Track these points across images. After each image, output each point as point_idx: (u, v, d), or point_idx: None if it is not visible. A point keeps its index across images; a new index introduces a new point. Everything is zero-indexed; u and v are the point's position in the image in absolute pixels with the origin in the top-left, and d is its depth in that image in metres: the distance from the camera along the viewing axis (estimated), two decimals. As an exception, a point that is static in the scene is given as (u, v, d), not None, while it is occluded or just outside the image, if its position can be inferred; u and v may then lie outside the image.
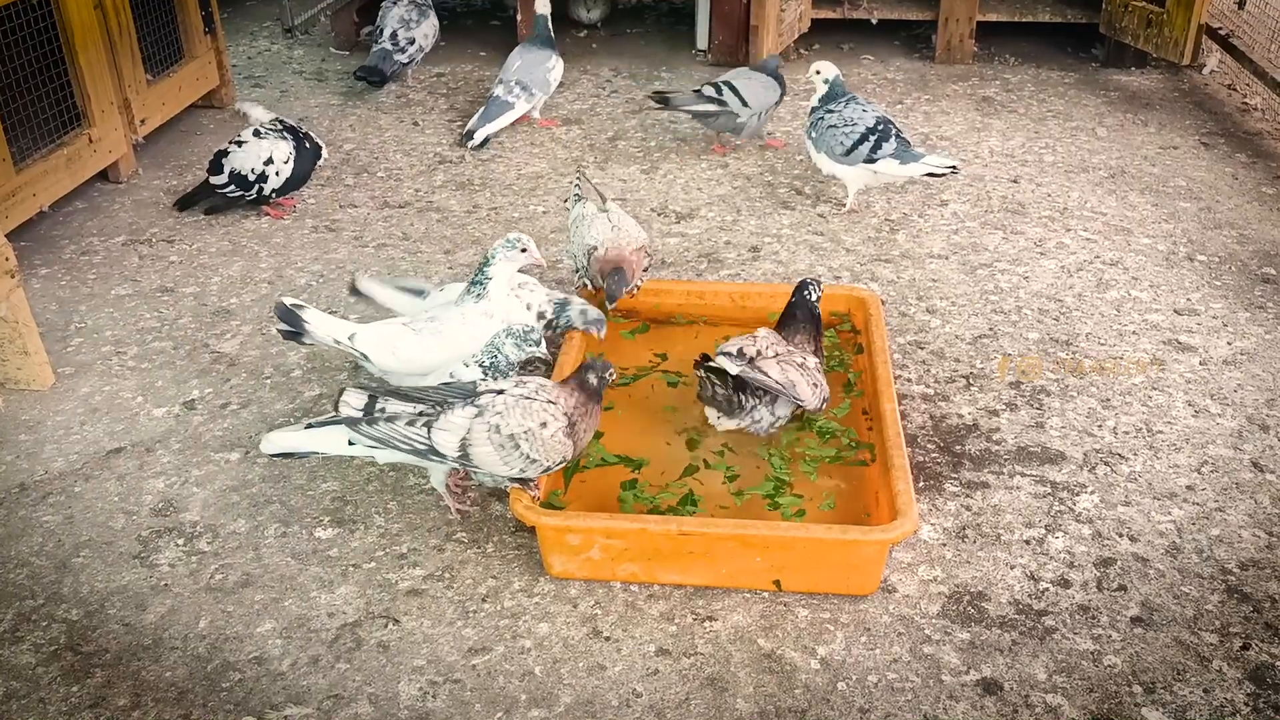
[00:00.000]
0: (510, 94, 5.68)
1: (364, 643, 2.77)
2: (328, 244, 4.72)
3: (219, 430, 3.55)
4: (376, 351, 3.30)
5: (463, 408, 2.87)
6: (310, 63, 6.94)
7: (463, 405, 2.87)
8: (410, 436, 2.85)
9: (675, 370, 3.68)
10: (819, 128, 4.82)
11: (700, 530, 2.81)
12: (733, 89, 5.34)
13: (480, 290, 3.38)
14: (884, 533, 2.77)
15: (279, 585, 2.95)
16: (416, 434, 2.85)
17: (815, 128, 4.85)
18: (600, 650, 2.74)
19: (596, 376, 2.97)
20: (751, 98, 5.36)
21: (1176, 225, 4.87)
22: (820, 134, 4.81)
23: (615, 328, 3.85)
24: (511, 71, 5.74)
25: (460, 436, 2.84)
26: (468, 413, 2.86)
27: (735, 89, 5.34)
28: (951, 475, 3.35)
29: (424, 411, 2.87)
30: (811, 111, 4.94)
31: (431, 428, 2.85)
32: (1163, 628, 2.82)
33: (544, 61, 5.78)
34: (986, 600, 2.90)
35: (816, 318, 3.43)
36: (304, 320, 3.29)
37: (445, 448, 2.85)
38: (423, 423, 2.86)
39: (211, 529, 3.14)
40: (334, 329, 3.31)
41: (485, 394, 2.89)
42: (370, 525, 3.15)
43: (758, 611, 2.86)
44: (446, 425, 2.85)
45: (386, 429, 2.85)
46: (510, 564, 3.00)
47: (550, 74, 5.80)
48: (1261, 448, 3.47)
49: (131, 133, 5.28)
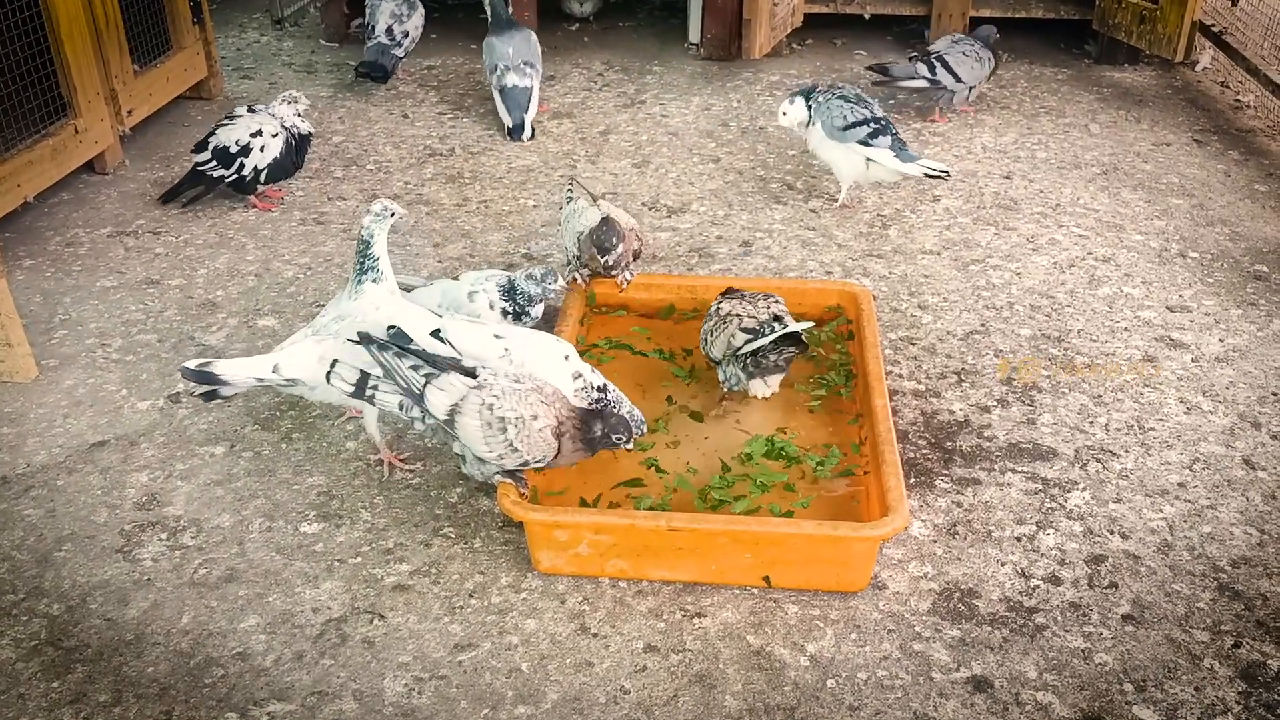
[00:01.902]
0: (525, 77, 5.70)
1: (349, 638, 2.74)
2: (315, 236, 4.68)
3: (203, 424, 3.51)
4: (310, 372, 3.07)
5: (465, 376, 2.86)
6: (300, 55, 6.89)
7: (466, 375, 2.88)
8: (409, 378, 2.86)
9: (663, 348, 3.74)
10: (826, 95, 4.74)
11: (690, 526, 2.78)
12: (945, 65, 5.59)
13: (375, 274, 3.27)
14: (874, 529, 2.74)
15: (263, 580, 2.91)
16: (415, 379, 2.86)
17: (821, 94, 4.76)
18: (588, 647, 2.72)
19: (602, 430, 2.90)
20: (965, 72, 5.62)
21: (1169, 222, 4.86)
22: (825, 102, 4.73)
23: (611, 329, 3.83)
24: (513, 55, 5.73)
25: (454, 401, 2.83)
26: (468, 382, 2.85)
27: (948, 65, 5.59)
28: (943, 471, 3.33)
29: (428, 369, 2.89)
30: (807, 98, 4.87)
31: (429, 383, 2.85)
32: (1154, 625, 2.80)
33: (529, 38, 5.84)
34: (977, 597, 2.88)
35: None
36: (217, 374, 3.04)
37: (435, 407, 2.84)
38: (424, 373, 2.86)
39: (195, 523, 3.11)
40: (253, 369, 3.07)
41: (486, 376, 2.87)
42: (357, 520, 3.11)
43: (747, 608, 2.83)
44: (445, 385, 2.85)
45: (392, 360, 2.87)
46: (498, 559, 2.98)
47: (539, 47, 5.86)
48: (1253, 445, 3.46)
49: (118, 124, 5.23)
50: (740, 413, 3.46)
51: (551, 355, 3.12)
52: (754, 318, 3.34)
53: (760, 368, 3.33)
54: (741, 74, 6.53)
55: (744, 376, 3.37)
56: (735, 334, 3.32)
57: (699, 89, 6.32)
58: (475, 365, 2.93)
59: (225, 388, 3.11)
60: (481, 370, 2.90)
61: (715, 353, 3.42)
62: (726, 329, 3.35)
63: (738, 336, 3.31)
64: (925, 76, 5.64)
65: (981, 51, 5.69)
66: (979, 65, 5.68)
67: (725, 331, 3.35)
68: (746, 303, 3.42)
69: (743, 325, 3.32)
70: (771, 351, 3.30)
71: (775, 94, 6.23)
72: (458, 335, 3.13)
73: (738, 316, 3.35)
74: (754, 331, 3.29)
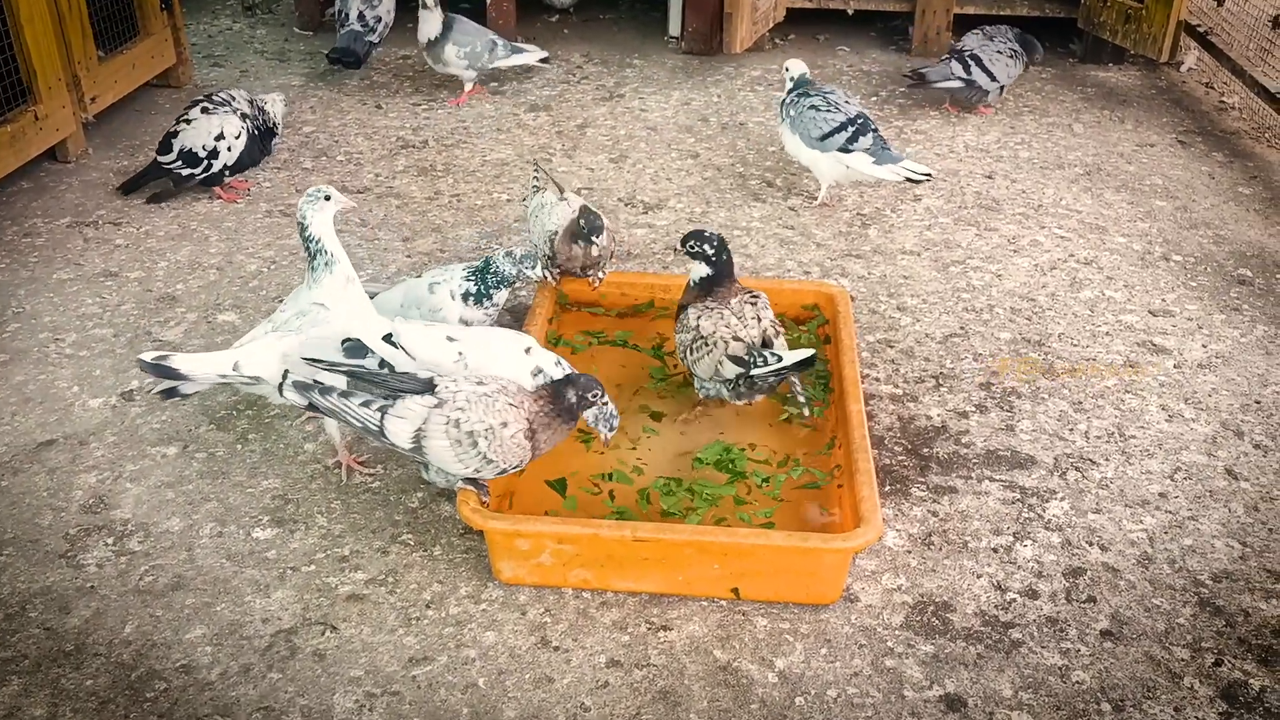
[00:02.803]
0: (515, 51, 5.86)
1: (299, 651, 2.62)
2: (281, 229, 4.55)
3: (157, 423, 3.39)
4: (271, 370, 2.91)
5: (422, 396, 2.73)
6: (272, 42, 6.75)
7: (422, 394, 2.74)
8: (363, 417, 2.71)
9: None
10: (798, 107, 4.67)
11: (656, 536, 2.68)
12: (980, 64, 5.61)
13: (327, 259, 3.09)
14: (846, 541, 2.65)
15: (212, 588, 2.80)
16: (369, 416, 2.71)
17: (794, 106, 4.69)
18: (548, 661, 2.61)
19: (577, 394, 2.81)
20: (999, 71, 5.63)
21: (1152, 224, 4.78)
22: (799, 113, 4.66)
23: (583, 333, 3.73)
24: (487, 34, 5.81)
25: (416, 426, 2.70)
26: (426, 402, 2.72)
27: (983, 64, 5.61)
28: (918, 479, 3.24)
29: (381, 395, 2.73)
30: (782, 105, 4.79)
31: (386, 413, 2.71)
32: (1133, 642, 2.72)
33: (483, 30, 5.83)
34: (951, 611, 2.79)
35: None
36: (175, 369, 2.85)
37: (398, 437, 2.71)
38: (377, 406, 2.72)
39: (144, 527, 2.99)
40: (213, 365, 2.91)
41: (445, 386, 2.75)
42: (312, 525, 3.00)
43: (714, 621, 2.74)
44: (403, 412, 2.71)
45: (340, 403, 2.71)
46: (458, 568, 2.87)
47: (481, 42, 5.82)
48: (1236, 454, 3.38)
49: (81, 111, 5.09)
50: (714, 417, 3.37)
51: (509, 352, 3.01)
52: (741, 340, 3.13)
53: (753, 389, 3.19)
54: (722, 68, 6.43)
55: (732, 398, 3.24)
56: (723, 362, 3.12)
57: (679, 83, 6.22)
58: (431, 375, 2.81)
59: (184, 384, 2.97)
60: (439, 380, 2.78)
61: (700, 371, 3.22)
62: (711, 353, 3.15)
63: (727, 367, 3.12)
64: (960, 77, 5.64)
65: (1015, 46, 5.71)
66: (1012, 62, 5.69)
67: (710, 356, 3.15)
68: (730, 314, 3.18)
69: (730, 353, 3.11)
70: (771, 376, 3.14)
71: (756, 89, 6.13)
72: (410, 340, 3.02)
73: (724, 341, 3.13)
74: (745, 363, 3.09)
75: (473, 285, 3.37)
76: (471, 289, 3.36)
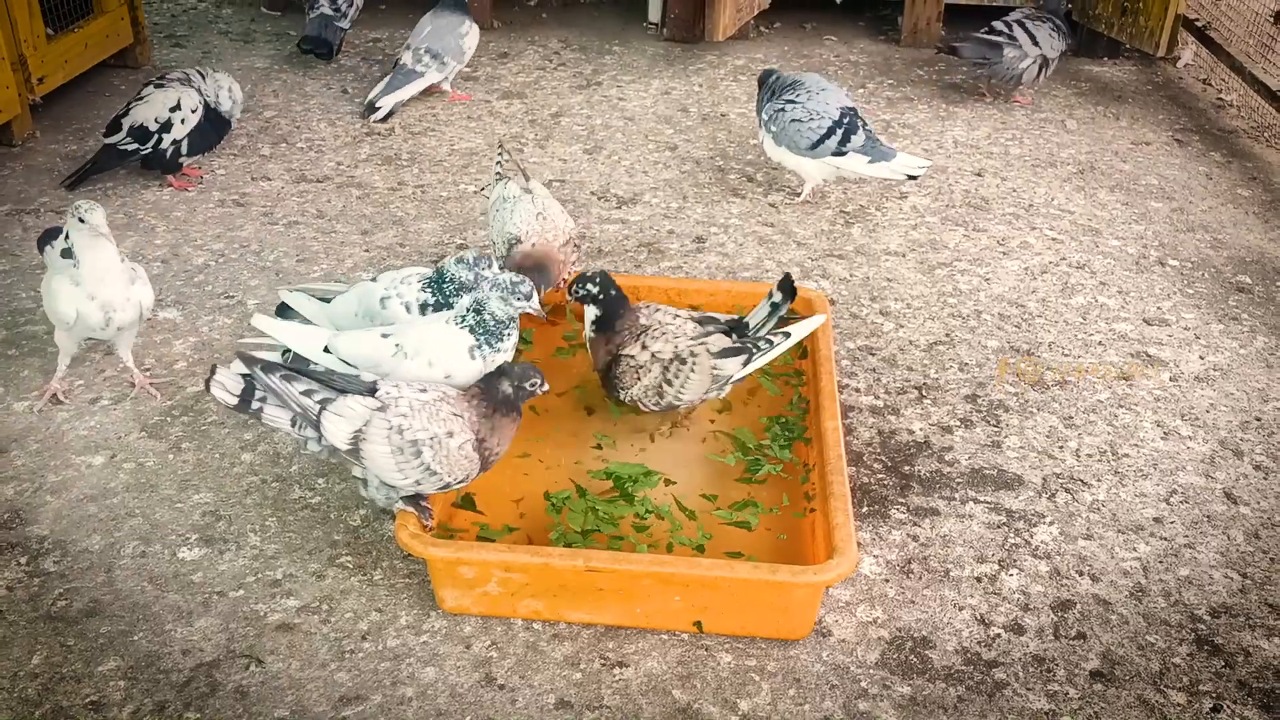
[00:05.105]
0: (419, 63, 5.28)
1: (220, 687, 2.40)
2: (233, 220, 4.31)
3: (84, 429, 3.16)
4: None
5: (363, 397, 2.51)
6: (238, 22, 6.49)
7: (364, 394, 2.52)
8: (303, 404, 2.49)
9: None
10: (779, 120, 4.43)
11: (611, 566, 2.47)
12: (1025, 28, 5.40)
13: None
14: (817, 574, 2.44)
15: (130, 615, 2.57)
16: (309, 405, 2.49)
17: (775, 120, 4.45)
18: (492, 701, 2.40)
19: (512, 385, 2.61)
20: (1043, 39, 5.43)
21: (1147, 227, 4.58)
22: (782, 128, 4.43)
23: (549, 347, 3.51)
24: (421, 38, 5.33)
25: (355, 427, 2.48)
26: (369, 403, 2.50)
27: (1027, 29, 5.41)
28: (898, 500, 3.03)
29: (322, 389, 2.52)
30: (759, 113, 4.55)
31: (325, 409, 2.49)
32: (1125, 684, 2.52)
33: (456, 27, 5.37)
34: (931, 647, 2.59)
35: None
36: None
37: (335, 436, 2.48)
38: (318, 398, 2.50)
39: (61, 545, 2.76)
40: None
41: (386, 391, 2.54)
42: (243, 545, 2.78)
43: (675, 656, 2.53)
44: (342, 410, 2.49)
45: (280, 384, 2.49)
46: (399, 594, 2.65)
47: (464, 40, 5.40)
48: (1235, 476, 3.18)
49: (27, 92, 4.84)
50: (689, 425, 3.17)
51: (451, 341, 2.79)
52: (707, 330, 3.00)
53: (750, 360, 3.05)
54: (705, 57, 6.20)
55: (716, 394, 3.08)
56: (718, 365, 2.95)
57: (659, 71, 5.99)
58: (374, 379, 2.59)
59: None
60: (381, 385, 2.56)
61: (690, 393, 2.98)
62: (697, 365, 2.93)
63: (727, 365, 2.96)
64: (1003, 33, 5.42)
65: (1057, 22, 5.53)
66: (1055, 36, 5.50)
67: (698, 370, 2.93)
68: (662, 324, 2.99)
69: (714, 348, 2.96)
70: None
71: (739, 79, 5.90)
72: (345, 346, 2.80)
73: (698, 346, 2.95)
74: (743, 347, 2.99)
75: (430, 296, 3.05)
76: (429, 299, 3.06)
